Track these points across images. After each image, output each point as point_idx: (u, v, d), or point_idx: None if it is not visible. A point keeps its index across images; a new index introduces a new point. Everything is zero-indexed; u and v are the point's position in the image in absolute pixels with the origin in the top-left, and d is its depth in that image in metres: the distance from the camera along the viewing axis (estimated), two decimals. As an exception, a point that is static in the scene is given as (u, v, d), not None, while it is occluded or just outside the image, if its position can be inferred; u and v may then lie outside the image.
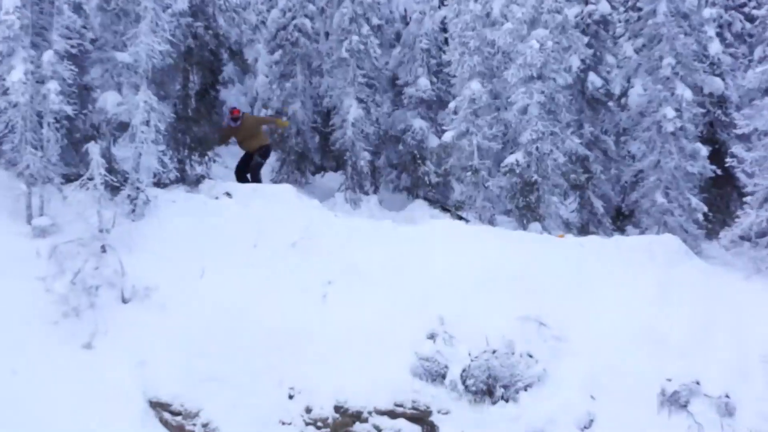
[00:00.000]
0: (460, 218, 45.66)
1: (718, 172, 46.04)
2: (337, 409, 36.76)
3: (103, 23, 43.99)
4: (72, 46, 41.25)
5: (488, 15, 47.49)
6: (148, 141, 41.29)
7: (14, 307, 37.59)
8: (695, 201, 45.19)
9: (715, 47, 47.93)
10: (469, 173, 46.19)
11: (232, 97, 52.63)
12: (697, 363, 36.67)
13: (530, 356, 37.37)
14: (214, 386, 36.96)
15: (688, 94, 45.39)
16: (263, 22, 51.67)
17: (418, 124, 49.18)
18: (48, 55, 40.11)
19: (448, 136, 46.43)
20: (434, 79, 49.79)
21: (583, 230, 45.19)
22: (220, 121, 50.50)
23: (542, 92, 44.59)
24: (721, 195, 46.59)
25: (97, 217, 39.06)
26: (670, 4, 45.94)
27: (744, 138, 41.83)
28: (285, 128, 31.67)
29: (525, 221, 45.03)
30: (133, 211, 41.05)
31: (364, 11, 49.12)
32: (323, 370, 37.12)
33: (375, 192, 49.17)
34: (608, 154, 47.71)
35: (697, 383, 36.19)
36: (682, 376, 36.36)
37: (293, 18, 50.19)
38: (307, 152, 49.91)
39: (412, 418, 36.70)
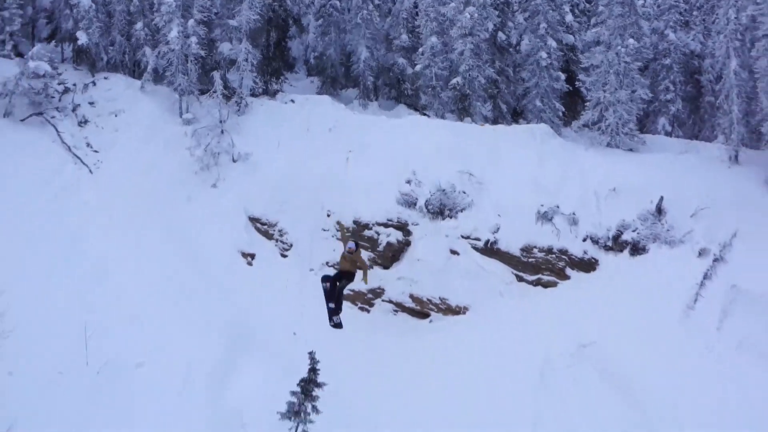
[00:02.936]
0: (425, 115, 44.99)
1: (570, 88, 45.63)
2: (354, 222, 37.20)
3: (222, 3, 44.25)
4: (204, 17, 41.60)
5: (441, -2, 47.06)
6: (247, 70, 41.73)
7: (174, 165, 38.43)
8: (558, 105, 45.07)
9: (569, 18, 46.70)
10: (430, 89, 45.92)
11: (294, 46, 52.06)
12: (558, 196, 37.06)
13: (464, 193, 37.67)
14: (284, 209, 37.65)
15: (554, 44, 45.14)
16: (312, 2, 50.58)
17: (401, 61, 48.19)
18: (191, 22, 40.75)
19: (418, 68, 45.88)
20: (410, 35, 48.61)
21: (495, 122, 44.28)
22: (289, 59, 50.58)
23: (472, 43, 44.36)
24: (573, 102, 45.67)
25: (218, 114, 39.60)
26: (544, -8, 45.83)
27: (585, 70, 41.62)
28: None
29: (462, 117, 44.80)
30: (238, 110, 41.16)
31: (370, -5, 48.86)
32: (347, 200, 37.52)
33: (376, 100, 48.21)
34: (510, 79, 46.79)
35: (558, 207, 36.65)
36: (549, 203, 36.80)
37: (329, 0, 49.58)
38: (337, 77, 49.20)
39: (397, 227, 37.31)
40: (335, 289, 26.24)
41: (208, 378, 28.67)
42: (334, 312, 27.08)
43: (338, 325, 26.45)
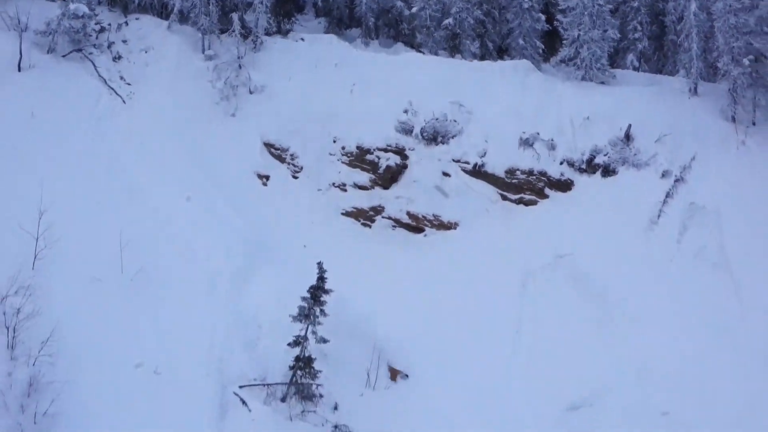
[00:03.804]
0: (420, 52, 44.42)
1: (550, 28, 44.19)
2: (358, 147, 36.75)
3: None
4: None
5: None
6: (262, 12, 40.60)
7: (197, 96, 37.83)
8: (538, 43, 43.74)
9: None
10: (424, 29, 44.39)
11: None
12: (536, 124, 36.32)
13: (455, 121, 36.97)
14: (295, 135, 37.07)
15: (536, -11, 44.11)
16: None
17: (399, 4, 47.10)
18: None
19: (414, 10, 44.64)
20: (407, -18, 48.14)
21: (482, 58, 43.80)
22: (299, 1, 49.32)
23: (462, -13, 43.67)
24: (551, 41, 45.27)
25: (236, 51, 38.81)
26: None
27: (562, 11, 40.93)
28: None
29: (453, 54, 43.60)
30: (254, 47, 40.31)
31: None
32: (351, 128, 36.96)
33: (377, 39, 47.61)
34: (496, 20, 45.96)
35: (538, 134, 35.94)
36: (530, 130, 36.08)
37: (336, -52, 48.42)
38: (342, 18, 48.37)
39: (395, 152, 36.69)
40: None
41: (229, 285, 28.69)
42: None
43: None
